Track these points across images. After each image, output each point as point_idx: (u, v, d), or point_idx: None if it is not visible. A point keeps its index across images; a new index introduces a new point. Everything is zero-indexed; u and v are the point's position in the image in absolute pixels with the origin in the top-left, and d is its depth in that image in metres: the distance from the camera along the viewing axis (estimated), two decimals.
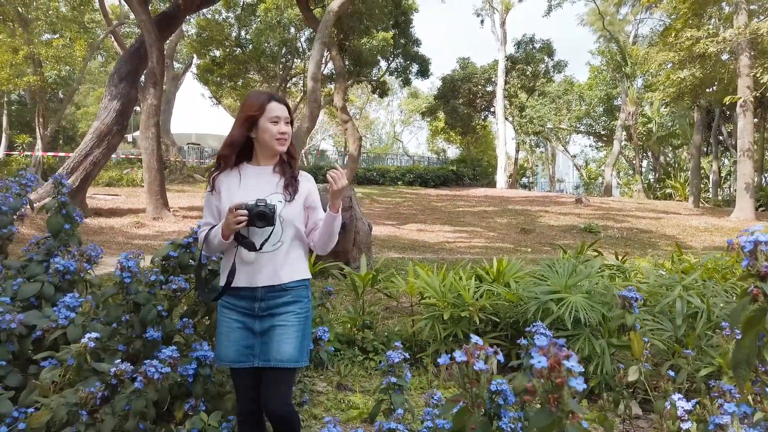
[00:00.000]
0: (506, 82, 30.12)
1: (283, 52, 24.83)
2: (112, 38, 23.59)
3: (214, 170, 2.19)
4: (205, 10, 22.05)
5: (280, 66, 25.78)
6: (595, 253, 5.29)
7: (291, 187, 2.13)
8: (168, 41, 18.28)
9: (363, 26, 19.22)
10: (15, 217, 3.17)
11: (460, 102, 30.75)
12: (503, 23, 30.79)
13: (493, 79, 30.85)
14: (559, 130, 36.47)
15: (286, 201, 2.09)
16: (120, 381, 2.18)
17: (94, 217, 11.58)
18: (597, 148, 39.24)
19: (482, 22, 32.30)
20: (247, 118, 2.10)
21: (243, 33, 24.89)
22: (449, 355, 1.03)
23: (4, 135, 26.64)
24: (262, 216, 1.95)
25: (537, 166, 47.48)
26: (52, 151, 24.24)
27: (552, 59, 31.10)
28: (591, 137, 37.15)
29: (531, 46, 30.68)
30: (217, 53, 24.66)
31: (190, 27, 24.97)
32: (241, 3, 24.19)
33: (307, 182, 2.20)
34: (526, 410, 2.04)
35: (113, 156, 19.27)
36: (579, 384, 0.88)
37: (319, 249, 2.22)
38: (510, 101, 31.74)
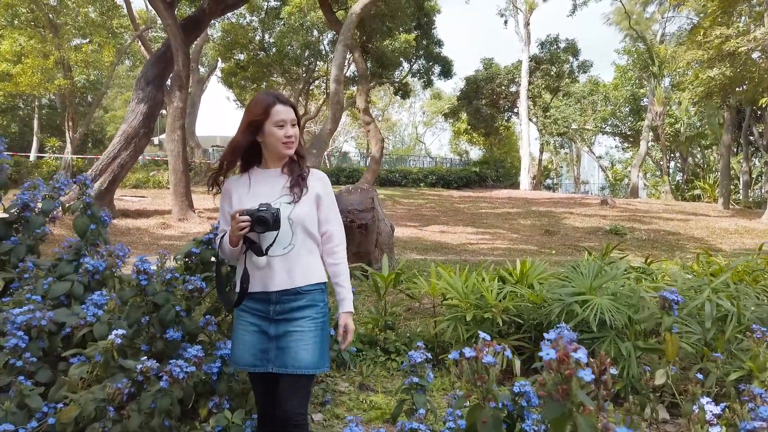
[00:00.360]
0: (530, 83, 29.85)
1: (305, 54, 25.01)
2: (140, 43, 24.03)
3: (215, 173, 2.16)
4: (229, 14, 22.32)
5: (303, 69, 25.96)
6: (621, 255, 5.21)
7: (298, 186, 2.07)
8: (193, 45, 18.53)
9: (385, 28, 19.24)
10: (47, 219, 3.24)
11: (483, 103, 30.57)
12: (527, 23, 30.56)
13: (516, 80, 30.61)
14: (584, 131, 36.03)
15: (294, 202, 2.04)
16: (146, 378, 2.21)
17: (121, 218, 11.80)
18: (623, 149, 38.63)
19: (506, 22, 32.13)
20: (250, 122, 2.06)
21: (266, 36, 25.15)
22: (458, 352, 1.02)
23: (35, 138, 27.30)
24: (261, 221, 1.92)
25: (561, 167, 46.93)
26: (81, 154, 24.75)
27: (577, 59, 30.74)
28: (617, 138, 36.61)
29: (555, 46, 30.37)
30: (241, 56, 24.95)
31: (214, 31, 25.32)
32: (265, 7, 24.45)
33: (317, 181, 2.14)
34: None
35: (140, 158, 19.63)
36: (587, 375, 0.87)
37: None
38: (534, 102, 31.47)
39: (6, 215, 3.12)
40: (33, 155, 24.76)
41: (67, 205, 3.29)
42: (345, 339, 2.08)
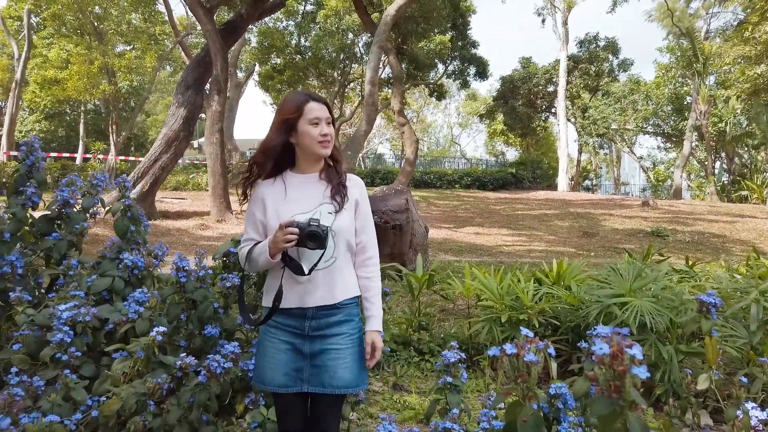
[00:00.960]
0: (568, 82, 29.35)
1: (341, 57, 25.19)
2: (180, 48, 24.67)
3: (245, 178, 2.02)
4: (266, 19, 22.67)
5: (338, 71, 26.17)
6: (663, 257, 5.06)
7: (339, 195, 1.96)
8: (231, 50, 18.91)
9: (420, 29, 19.23)
10: (88, 215, 3.35)
11: (520, 103, 30.21)
12: (565, 22, 30.07)
13: (554, 79, 30.15)
14: (625, 131, 35.16)
15: (336, 211, 1.93)
16: (185, 374, 2.27)
17: (162, 220, 12.11)
18: (665, 149, 37.54)
19: (543, 21, 31.63)
20: (283, 121, 1.93)
21: (302, 40, 25.45)
22: (498, 348, 1.01)
23: (81, 142, 28.28)
24: (313, 236, 1.79)
25: (601, 168, 45.94)
26: (124, 157, 25.50)
27: (617, 57, 30.10)
28: (659, 138, 35.61)
29: (594, 45, 29.80)
30: (278, 60, 25.31)
31: (252, 35, 25.76)
32: (301, 11, 24.74)
33: (355, 188, 2.02)
34: (586, 416, 1.97)
35: (180, 161, 20.11)
36: (642, 372, 0.85)
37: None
38: (572, 102, 30.92)
39: (48, 212, 3.23)
40: (79, 158, 25.63)
41: (108, 206, 3.39)
42: (372, 357, 1.95)
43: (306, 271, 1.86)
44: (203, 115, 15.79)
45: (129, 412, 2.12)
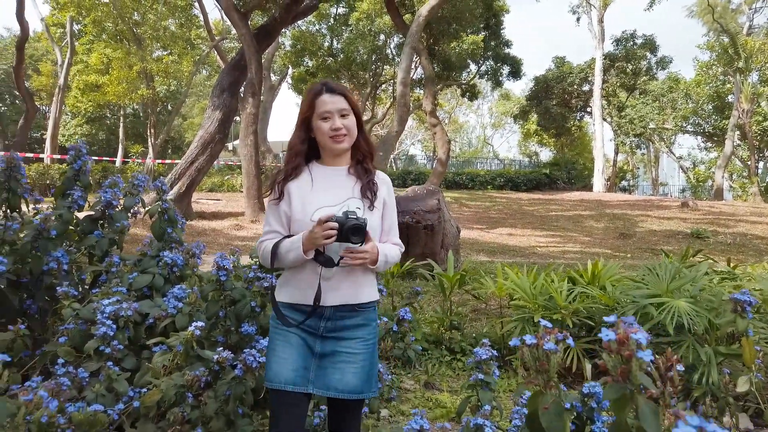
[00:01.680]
0: (604, 81, 28.81)
1: (373, 59, 25.31)
2: (215, 52, 25.15)
3: (282, 180, 1.91)
4: (299, 22, 22.94)
5: (370, 73, 26.28)
6: (703, 259, 4.93)
7: (371, 191, 1.87)
8: (265, 53, 19.19)
9: (452, 30, 19.17)
10: (129, 214, 3.47)
11: (554, 103, 29.79)
12: (601, 20, 29.53)
13: (589, 78, 29.64)
14: (663, 131, 34.29)
15: (366, 209, 1.84)
16: (222, 368, 2.33)
17: (198, 220, 12.38)
18: (706, 148, 36.45)
19: (578, 19, 31.19)
20: (302, 120, 1.88)
21: (335, 42, 25.66)
22: (519, 339, 1.02)
23: (120, 145, 29.10)
24: (357, 230, 1.70)
25: (638, 168, 44.92)
26: (162, 159, 26.14)
27: (655, 55, 29.39)
28: (699, 137, 34.61)
29: (632, 43, 29.17)
30: (310, 63, 25.58)
31: (285, 39, 26.10)
32: (333, 14, 24.95)
33: (383, 185, 1.93)
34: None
35: (215, 163, 20.51)
36: (646, 356, 0.86)
37: None
38: (608, 101, 30.35)
39: (92, 212, 3.36)
40: (119, 161, 26.39)
41: (147, 207, 3.50)
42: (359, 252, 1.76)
43: (336, 262, 1.76)
44: (238, 118, 16.08)
45: (168, 404, 2.19)
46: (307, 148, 1.92)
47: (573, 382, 3.44)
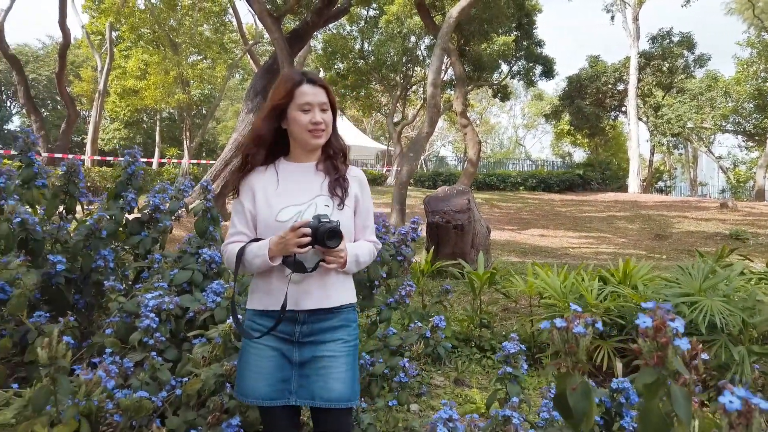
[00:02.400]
0: (639, 80, 28.25)
1: (403, 60, 25.40)
2: (248, 56, 25.61)
3: (240, 172, 1.81)
4: (330, 25, 23.18)
5: (401, 75, 26.37)
6: (742, 258, 4.84)
7: (340, 188, 1.76)
8: (297, 57, 19.46)
9: (483, 30, 19.10)
10: (173, 217, 3.63)
11: (587, 102, 29.35)
12: (636, 18, 28.98)
13: (624, 77, 29.11)
14: (702, 130, 33.42)
15: (336, 207, 1.73)
16: None
17: None
18: (747, 148, 35.38)
19: (612, 17, 30.63)
20: (273, 107, 1.74)
21: (365, 45, 25.85)
22: (549, 322, 1.07)
23: (156, 148, 29.87)
24: (333, 234, 1.60)
25: (675, 169, 43.86)
26: (196, 162, 26.73)
27: (692, 53, 28.70)
28: (739, 137, 33.61)
29: (668, 40, 28.55)
30: (341, 66, 25.82)
31: (317, 42, 26.41)
32: (364, 16, 25.14)
33: (353, 180, 1.82)
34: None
35: None
36: (683, 344, 0.90)
37: None
38: (644, 100, 29.75)
39: (140, 215, 3.52)
40: (155, 163, 27.09)
41: (190, 207, 3.65)
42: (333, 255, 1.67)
43: (309, 268, 1.66)
44: None
45: (208, 392, 2.29)
46: (273, 140, 1.79)
47: (604, 381, 3.44)
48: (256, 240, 1.73)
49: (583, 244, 11.46)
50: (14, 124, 38.77)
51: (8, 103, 37.53)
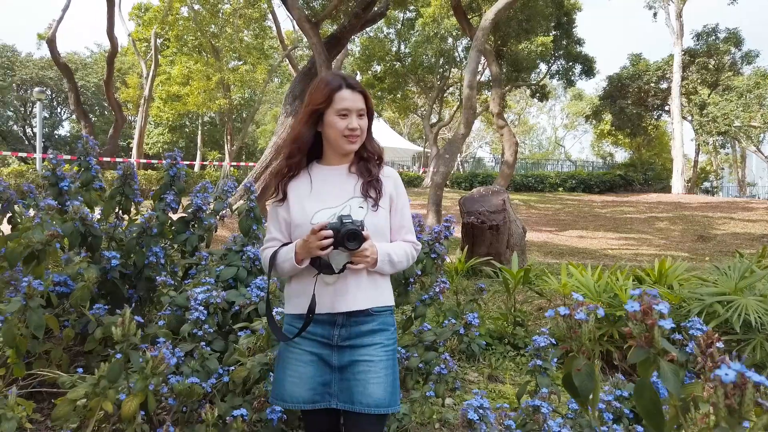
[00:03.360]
0: (683, 78, 27.52)
1: (440, 62, 25.43)
2: (287, 61, 26.08)
3: (283, 177, 1.79)
4: (367, 29, 23.41)
5: (437, 76, 26.40)
6: None
7: (374, 189, 1.74)
8: (335, 60, 19.73)
9: (521, 31, 18.97)
10: (218, 217, 3.82)
11: (629, 102, 28.74)
12: (679, 14, 28.24)
13: (667, 76, 28.40)
14: (750, 128, 32.27)
15: (370, 208, 1.72)
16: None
17: None
18: None
19: (655, 14, 29.95)
20: (312, 112, 1.73)
21: (402, 47, 25.98)
22: (554, 310, 1.16)
23: (198, 152, 30.68)
24: (353, 236, 1.59)
25: (722, 169, 42.44)
26: (236, 164, 27.36)
27: (739, 49, 27.79)
28: None
29: (714, 37, 27.73)
30: (378, 68, 26.02)
31: (354, 46, 26.70)
32: (401, 19, 25.28)
33: (387, 179, 1.80)
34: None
35: None
36: (667, 324, 0.98)
37: None
38: (688, 98, 28.94)
39: (185, 215, 3.72)
40: (197, 166, 27.84)
41: (234, 207, 3.83)
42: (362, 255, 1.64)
43: (337, 269, 1.66)
44: None
45: (253, 380, 2.44)
46: (311, 144, 1.79)
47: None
48: (288, 244, 1.75)
49: (622, 245, 11.29)
50: (64, 129, 40.46)
51: (59, 110, 39.15)
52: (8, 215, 3.11)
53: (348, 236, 1.59)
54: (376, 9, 14.16)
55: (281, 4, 13.04)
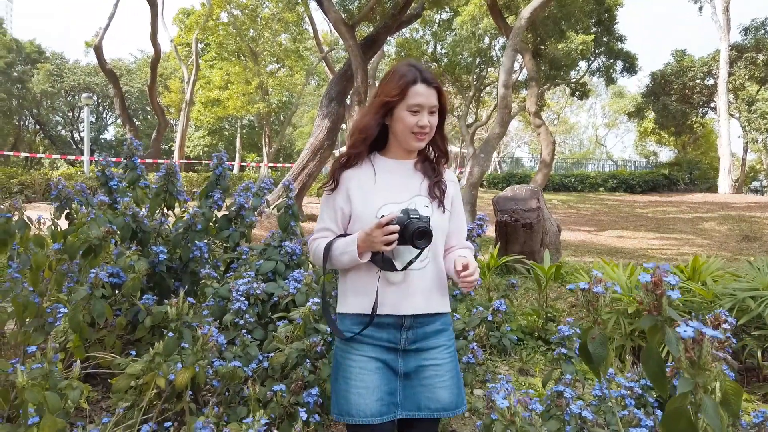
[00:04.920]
0: (730, 74, 26.65)
1: (477, 62, 25.34)
2: (324, 64, 26.46)
3: (341, 166, 1.71)
4: (403, 30, 23.53)
5: (474, 76, 26.31)
6: None
7: (439, 189, 1.68)
8: (371, 62, 19.93)
9: (559, 29, 18.76)
10: (256, 212, 3.99)
11: (673, 99, 28.01)
12: (726, 8, 27.37)
13: (713, 72, 27.57)
14: None
15: (436, 209, 1.66)
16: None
17: (308, 222, 13.20)
18: None
19: (700, 9, 29.10)
20: (383, 104, 1.63)
21: (438, 47, 26.01)
22: (574, 284, 1.25)
23: (237, 154, 31.38)
24: (423, 233, 1.50)
25: None
26: (274, 166, 27.90)
27: None
28: None
29: (762, 31, 26.78)
30: None
31: (390, 47, 26.87)
32: (437, 19, 25.31)
33: (451, 183, 1.76)
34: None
35: (324, 168, 21.60)
36: (674, 294, 1.07)
37: None
38: (735, 95, 28.03)
39: (227, 212, 3.92)
40: (236, 168, 28.48)
41: (273, 204, 4.01)
42: (468, 275, 1.55)
43: (400, 267, 1.58)
44: (345, 126, 16.88)
45: (291, 366, 2.59)
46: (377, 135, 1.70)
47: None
48: (344, 235, 1.66)
49: (663, 245, 11.08)
50: (110, 133, 42.02)
51: (104, 114, 40.65)
52: (65, 212, 3.35)
53: (417, 234, 1.49)
54: (411, 10, 14.28)
55: (318, 7, 13.28)
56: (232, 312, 2.90)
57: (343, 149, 1.74)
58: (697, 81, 28.16)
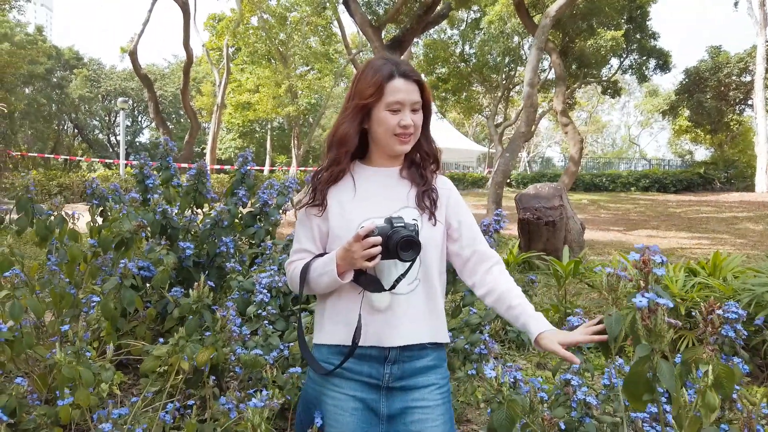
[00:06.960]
0: (767, 70, 25.91)
1: (506, 61, 25.20)
2: (352, 66, 26.67)
3: (326, 182, 1.48)
4: (431, 30, 23.56)
5: (503, 75, 26.17)
6: None
7: (429, 198, 1.46)
8: None
9: (588, 27, 18.56)
10: (281, 211, 4.13)
11: (708, 96, 27.36)
12: (763, 3, 26.60)
13: (750, 68, 26.84)
14: None
15: (427, 221, 1.44)
16: None
17: None
18: None
19: (736, 4, 28.35)
20: (359, 108, 1.42)
21: (466, 47, 25.95)
22: (600, 267, 1.34)
23: (267, 156, 31.84)
24: (409, 244, 1.29)
25: None
26: (304, 168, 28.23)
27: None
28: None
29: None
30: (442, 70, 26.11)
31: (417, 48, 26.94)
32: (465, 19, 25.27)
33: (444, 190, 1.52)
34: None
35: None
36: (660, 271, 1.15)
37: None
38: None
39: (252, 209, 4.06)
40: (266, 170, 28.91)
41: (296, 201, 4.14)
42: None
43: (387, 286, 1.36)
44: None
45: None
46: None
47: None
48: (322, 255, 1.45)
49: (695, 245, 10.87)
50: (144, 136, 43.16)
51: (139, 118, 41.77)
52: (100, 209, 3.54)
53: (402, 244, 1.28)
54: (438, 10, 14.33)
55: (345, 10, 13.44)
56: (255, 304, 3.03)
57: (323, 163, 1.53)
58: (733, 78, 27.45)
